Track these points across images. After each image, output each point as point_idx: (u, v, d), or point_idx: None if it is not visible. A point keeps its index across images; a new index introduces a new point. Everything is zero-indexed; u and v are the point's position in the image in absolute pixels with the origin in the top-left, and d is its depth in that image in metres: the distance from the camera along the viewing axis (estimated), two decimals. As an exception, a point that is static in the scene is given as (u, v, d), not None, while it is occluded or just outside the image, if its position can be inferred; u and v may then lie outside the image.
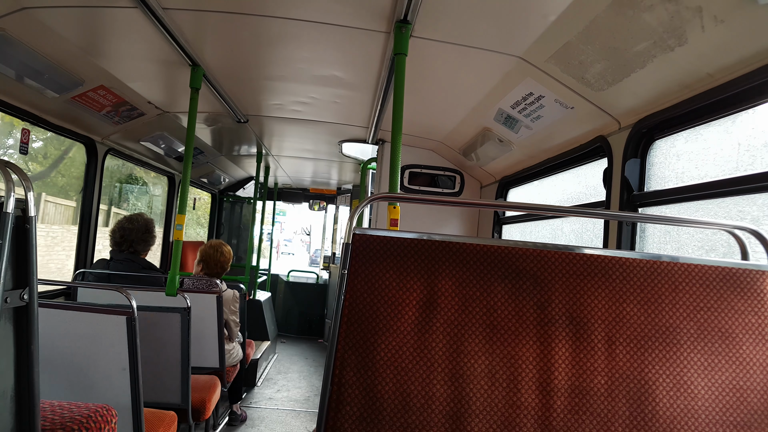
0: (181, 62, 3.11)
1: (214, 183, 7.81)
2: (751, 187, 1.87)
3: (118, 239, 3.89)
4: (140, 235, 3.93)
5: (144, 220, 3.98)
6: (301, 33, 2.63)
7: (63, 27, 2.65)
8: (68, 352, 2.48)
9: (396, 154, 2.49)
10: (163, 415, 2.86)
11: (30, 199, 1.31)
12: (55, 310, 2.45)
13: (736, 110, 1.97)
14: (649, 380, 1.41)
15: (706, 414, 1.41)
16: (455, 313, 1.42)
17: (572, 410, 1.39)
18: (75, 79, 3.21)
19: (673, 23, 1.83)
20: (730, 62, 1.83)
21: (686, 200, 2.21)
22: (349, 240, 1.46)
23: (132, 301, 2.36)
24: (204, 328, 3.79)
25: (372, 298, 1.42)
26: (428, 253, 1.45)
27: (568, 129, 2.92)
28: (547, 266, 1.46)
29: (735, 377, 1.43)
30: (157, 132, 4.67)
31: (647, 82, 2.19)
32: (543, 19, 2.17)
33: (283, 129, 4.94)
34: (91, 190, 4.27)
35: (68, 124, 3.77)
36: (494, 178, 4.51)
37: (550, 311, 1.43)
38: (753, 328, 1.46)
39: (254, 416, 5.17)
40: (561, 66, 2.42)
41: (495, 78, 2.85)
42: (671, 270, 1.47)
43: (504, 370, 1.40)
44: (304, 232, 11.97)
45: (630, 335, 1.43)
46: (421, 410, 1.36)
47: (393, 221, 2.47)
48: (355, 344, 1.39)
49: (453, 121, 3.85)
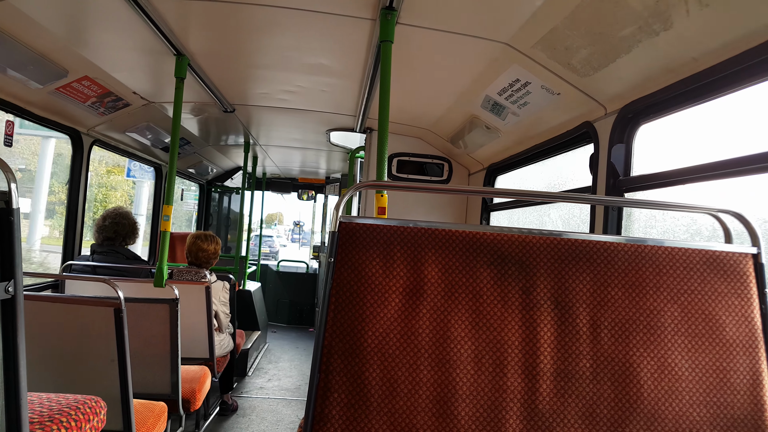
0: (165, 51, 3.07)
1: (201, 173, 7.76)
2: (736, 170, 1.88)
3: (111, 235, 3.89)
4: (130, 229, 3.98)
5: (128, 213, 4.03)
6: (287, 20, 2.61)
7: (45, 17, 2.61)
8: (57, 344, 2.47)
9: (383, 143, 2.48)
10: (153, 405, 2.86)
11: (13, 191, 1.29)
12: (43, 303, 2.44)
13: (721, 94, 1.98)
14: (634, 363, 1.43)
15: (690, 395, 1.43)
16: (441, 300, 1.42)
17: (557, 393, 1.40)
18: (58, 70, 3.17)
19: (658, 7, 1.83)
20: (714, 46, 1.83)
21: (671, 184, 2.23)
22: (335, 228, 1.46)
23: (119, 292, 2.35)
24: (193, 318, 3.79)
25: (358, 286, 1.42)
26: (414, 241, 1.45)
27: (554, 115, 2.92)
28: (531, 251, 1.46)
29: (718, 359, 1.45)
30: (143, 122, 4.63)
31: (633, 67, 2.19)
32: (528, 5, 2.16)
33: (270, 118, 4.91)
34: (77, 182, 4.23)
35: (53, 115, 3.73)
36: (482, 165, 4.51)
37: (535, 296, 1.44)
38: (736, 311, 1.47)
39: (245, 406, 5.18)
40: (547, 52, 2.42)
41: (481, 65, 2.84)
42: (655, 254, 1.49)
43: (490, 354, 1.41)
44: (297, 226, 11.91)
45: (614, 319, 1.44)
46: (407, 396, 1.37)
47: (381, 209, 2.47)
48: (342, 332, 1.40)
49: (440, 108, 3.85)
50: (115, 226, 3.90)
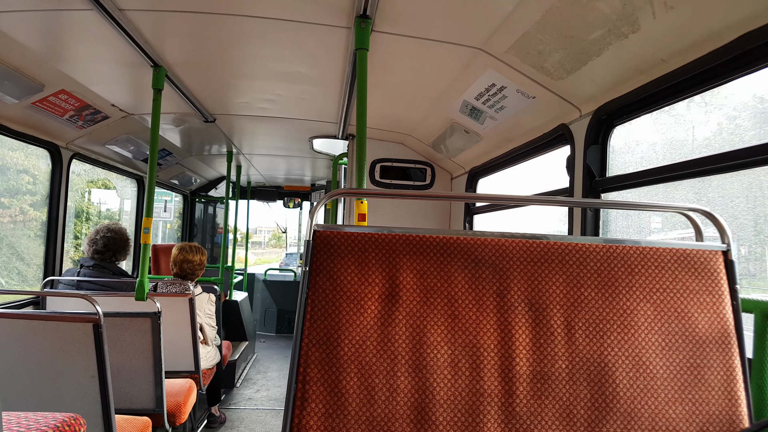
0: (142, 63, 3.06)
1: (184, 184, 7.72)
2: (706, 170, 1.91)
3: (100, 248, 3.86)
4: (122, 244, 3.94)
5: (121, 228, 3.99)
6: (262, 30, 2.61)
7: (19, 32, 2.60)
8: (35, 362, 2.43)
9: (362, 149, 2.49)
10: (136, 420, 2.83)
11: None
12: (20, 321, 2.41)
13: (690, 94, 2.01)
14: (609, 362, 1.44)
15: (666, 393, 1.44)
16: (417, 305, 1.43)
17: (534, 395, 1.41)
18: (34, 85, 3.15)
19: (625, 11, 1.86)
20: (682, 47, 1.86)
21: (645, 184, 2.25)
22: (310, 237, 1.46)
23: (97, 307, 2.33)
24: (177, 331, 3.75)
25: (334, 294, 1.42)
26: (389, 247, 1.46)
27: (531, 118, 2.95)
28: (505, 254, 1.47)
29: (692, 356, 1.47)
30: (122, 135, 4.60)
31: (604, 70, 2.22)
32: (500, 10, 2.18)
33: (252, 127, 4.90)
34: (57, 197, 4.19)
35: (30, 130, 3.69)
36: (464, 169, 4.54)
37: (509, 298, 1.45)
38: (708, 307, 1.49)
39: (233, 417, 5.14)
40: (521, 56, 2.44)
41: (457, 70, 2.86)
42: (627, 254, 1.50)
43: (466, 358, 1.41)
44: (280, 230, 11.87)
45: (588, 319, 1.45)
46: (385, 403, 1.37)
47: (360, 216, 2.48)
48: (318, 341, 1.40)
49: (420, 114, 3.87)
50: (105, 240, 3.87)
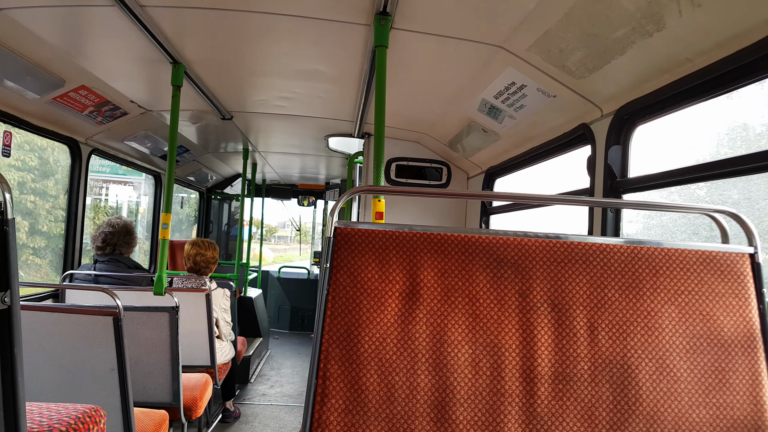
0: (161, 60, 3.08)
1: (201, 181, 7.77)
2: (731, 171, 1.88)
3: (100, 244, 3.91)
4: (122, 238, 3.98)
5: (123, 222, 4.02)
6: (282, 27, 2.62)
7: (41, 27, 2.62)
8: (56, 354, 2.47)
9: (379, 147, 2.48)
10: (154, 414, 2.85)
11: (8, 201, 1.29)
12: (42, 313, 2.44)
13: (715, 94, 1.98)
14: (632, 364, 1.42)
15: (689, 396, 1.42)
16: (437, 304, 1.42)
17: (556, 396, 1.40)
18: (55, 80, 3.18)
19: (650, 8, 1.83)
20: (707, 46, 1.83)
21: (668, 185, 2.22)
22: (331, 234, 1.46)
23: (117, 301, 2.35)
24: (194, 326, 3.79)
25: (355, 291, 1.42)
26: (410, 245, 1.45)
27: (551, 117, 2.93)
28: (528, 254, 1.46)
29: (717, 359, 1.45)
30: (141, 131, 4.64)
31: (627, 69, 2.19)
32: (521, 8, 2.16)
33: (268, 125, 4.92)
34: (76, 191, 4.24)
35: (50, 125, 3.74)
36: (480, 169, 4.51)
37: (532, 299, 1.44)
38: (734, 311, 1.47)
39: (248, 413, 5.17)
40: (542, 54, 2.42)
41: (477, 68, 2.85)
42: (651, 255, 1.48)
43: (487, 358, 1.40)
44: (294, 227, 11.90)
45: (612, 320, 1.44)
46: (405, 401, 1.37)
47: (378, 214, 2.47)
48: (339, 337, 1.40)
49: (437, 112, 3.85)
50: (103, 236, 3.92)
